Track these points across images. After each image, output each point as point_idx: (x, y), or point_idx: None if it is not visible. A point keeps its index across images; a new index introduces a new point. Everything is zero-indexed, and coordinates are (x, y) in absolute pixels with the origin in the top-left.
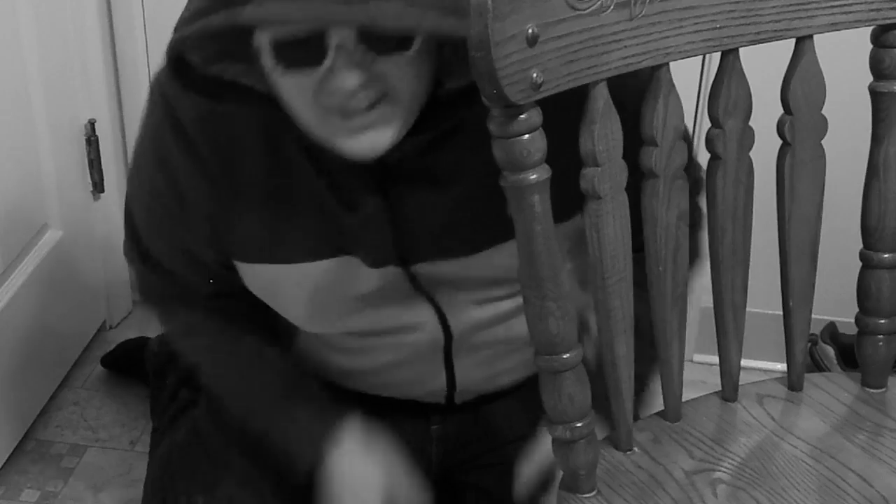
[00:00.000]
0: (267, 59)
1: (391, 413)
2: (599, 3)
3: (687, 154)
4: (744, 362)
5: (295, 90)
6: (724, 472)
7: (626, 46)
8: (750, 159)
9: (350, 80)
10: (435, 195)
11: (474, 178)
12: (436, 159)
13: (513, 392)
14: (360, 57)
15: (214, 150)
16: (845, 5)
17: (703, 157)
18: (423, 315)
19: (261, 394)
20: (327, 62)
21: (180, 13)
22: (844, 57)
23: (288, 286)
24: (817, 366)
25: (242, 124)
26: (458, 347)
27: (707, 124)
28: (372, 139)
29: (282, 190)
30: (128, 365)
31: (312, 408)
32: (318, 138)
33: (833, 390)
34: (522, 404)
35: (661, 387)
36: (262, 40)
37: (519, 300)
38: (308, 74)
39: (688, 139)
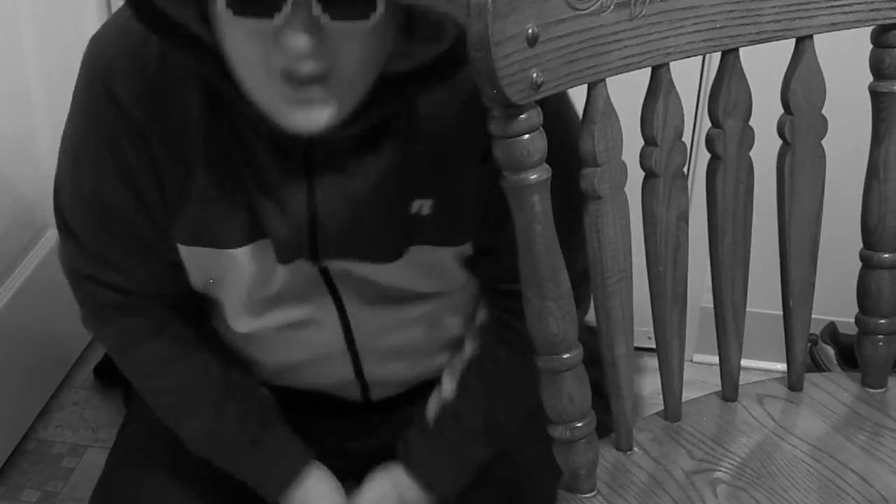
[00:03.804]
0: (219, 1)
1: (308, 421)
2: (599, 3)
3: (686, 155)
4: (744, 362)
5: (242, 41)
6: (724, 472)
7: (626, 46)
8: (750, 159)
9: (301, 40)
10: (357, 193)
11: (399, 183)
12: (363, 157)
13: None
14: (315, 18)
15: (155, 128)
16: (845, 5)
17: (703, 157)
18: (324, 313)
19: (222, 433)
20: (280, 16)
21: None
22: (844, 57)
23: (218, 273)
24: (817, 366)
25: (182, 99)
26: (363, 346)
27: (707, 124)
28: (309, 115)
29: (212, 171)
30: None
31: (275, 448)
32: (258, 104)
33: (833, 390)
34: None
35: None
36: None
37: (420, 310)
38: (258, 25)
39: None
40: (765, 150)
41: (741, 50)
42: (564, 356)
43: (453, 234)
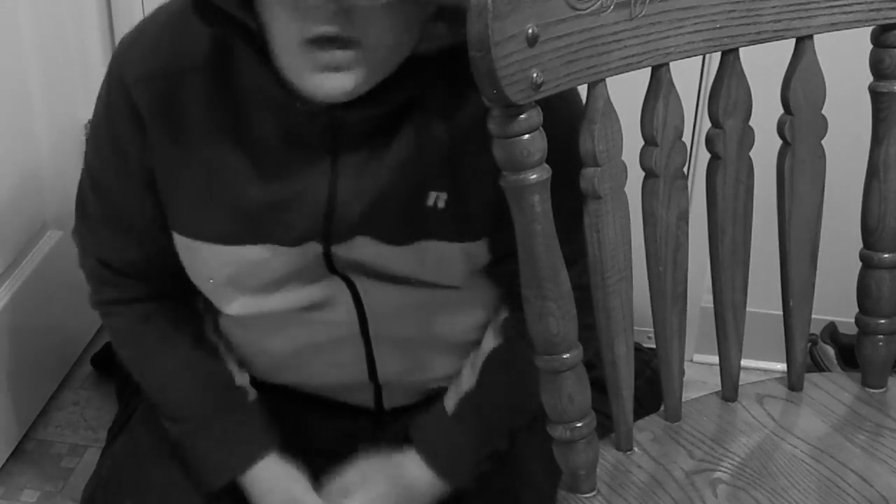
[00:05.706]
0: None
1: (319, 430)
2: (599, 3)
3: (686, 155)
4: (744, 362)
5: (278, 14)
6: (724, 472)
7: (626, 46)
8: (750, 159)
9: (328, 4)
10: (376, 179)
11: (416, 172)
12: (382, 144)
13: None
14: None
15: (154, 114)
16: (845, 5)
17: (703, 157)
18: (336, 293)
19: (189, 403)
20: None
21: None
22: (844, 57)
23: (209, 263)
24: (817, 366)
25: (186, 90)
26: (376, 333)
27: (707, 124)
28: (336, 80)
29: (212, 163)
30: (114, 364)
31: (235, 422)
32: (290, 79)
33: (833, 390)
34: None
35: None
36: None
37: (435, 298)
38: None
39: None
40: (765, 150)
41: (741, 50)
42: (564, 356)
43: (465, 229)
